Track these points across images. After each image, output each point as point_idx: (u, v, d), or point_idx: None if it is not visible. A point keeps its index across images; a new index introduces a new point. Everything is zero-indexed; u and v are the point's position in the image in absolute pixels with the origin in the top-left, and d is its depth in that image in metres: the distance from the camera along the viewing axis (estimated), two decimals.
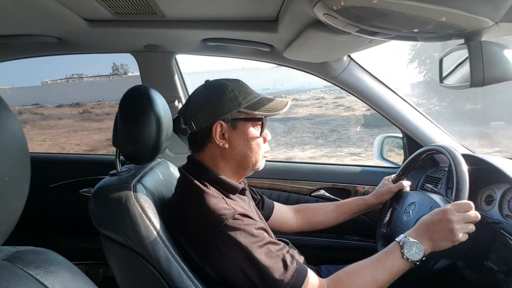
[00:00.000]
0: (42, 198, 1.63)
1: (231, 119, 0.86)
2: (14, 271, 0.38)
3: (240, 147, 0.88)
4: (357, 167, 1.56)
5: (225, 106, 0.85)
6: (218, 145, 0.86)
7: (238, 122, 0.87)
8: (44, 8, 0.92)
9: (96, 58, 22.66)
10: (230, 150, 0.87)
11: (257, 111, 0.87)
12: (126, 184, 0.84)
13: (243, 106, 0.86)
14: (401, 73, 15.89)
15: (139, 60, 1.47)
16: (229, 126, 0.86)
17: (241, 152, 0.88)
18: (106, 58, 16.38)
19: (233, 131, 0.87)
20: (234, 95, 0.86)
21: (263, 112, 0.88)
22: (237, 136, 0.87)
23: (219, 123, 0.85)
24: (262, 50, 1.27)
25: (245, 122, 0.87)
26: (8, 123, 0.37)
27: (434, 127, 1.38)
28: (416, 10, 0.61)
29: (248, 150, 0.88)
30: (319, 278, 0.79)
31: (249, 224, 0.77)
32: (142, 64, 1.47)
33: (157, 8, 0.98)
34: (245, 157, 0.89)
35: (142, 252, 0.78)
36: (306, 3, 0.76)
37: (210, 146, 0.88)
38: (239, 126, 0.87)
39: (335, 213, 1.19)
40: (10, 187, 0.37)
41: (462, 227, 0.79)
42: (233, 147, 0.87)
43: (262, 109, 0.88)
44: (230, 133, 0.87)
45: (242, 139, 0.88)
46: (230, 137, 0.87)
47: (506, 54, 0.65)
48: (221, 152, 0.88)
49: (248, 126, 0.88)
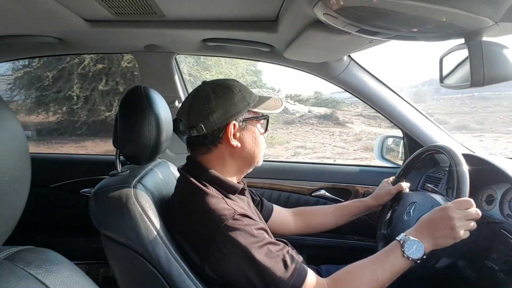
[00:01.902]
0: (42, 198, 1.63)
1: (243, 119, 0.88)
2: (14, 270, 0.38)
3: (250, 146, 0.90)
4: (357, 167, 1.56)
5: (237, 106, 0.86)
6: (230, 145, 0.86)
7: (248, 121, 0.89)
8: (44, 8, 0.92)
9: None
10: (240, 149, 0.88)
11: (262, 110, 0.90)
12: (126, 184, 0.84)
13: (251, 105, 0.88)
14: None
15: (139, 60, 1.47)
16: (241, 126, 0.88)
17: (250, 150, 0.90)
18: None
19: (243, 130, 0.88)
20: (242, 95, 0.87)
21: (266, 110, 0.91)
22: (247, 135, 0.89)
23: (233, 123, 0.86)
24: (262, 50, 1.27)
25: (253, 121, 0.90)
26: (8, 123, 0.37)
27: (434, 127, 1.38)
28: (416, 9, 0.61)
29: (256, 148, 0.91)
30: (319, 278, 0.79)
31: (249, 224, 0.77)
32: (142, 64, 1.48)
33: (157, 8, 0.98)
34: (253, 155, 0.91)
35: (143, 252, 0.78)
36: (306, 3, 0.76)
37: (221, 147, 0.87)
38: (248, 125, 0.89)
39: (334, 215, 1.19)
40: (11, 187, 0.37)
41: (463, 224, 0.79)
42: (244, 146, 0.89)
43: (265, 107, 0.91)
44: (241, 133, 0.88)
45: (251, 138, 0.90)
46: (242, 136, 0.88)
47: (507, 54, 0.65)
48: (231, 151, 0.89)
49: (255, 124, 0.91)
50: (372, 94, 1.37)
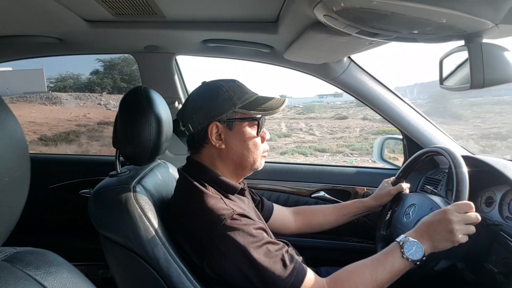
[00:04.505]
0: (42, 199, 1.63)
1: (226, 120, 0.86)
2: (13, 272, 0.37)
3: (237, 148, 0.87)
4: (356, 168, 1.56)
5: (220, 106, 0.85)
6: (214, 146, 0.86)
7: (234, 123, 0.86)
8: (44, 8, 0.92)
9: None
10: (227, 150, 0.87)
11: (252, 111, 0.86)
12: (126, 185, 0.83)
13: (238, 106, 0.85)
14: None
15: (139, 61, 1.47)
16: (225, 126, 0.86)
17: (238, 152, 0.88)
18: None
19: (229, 131, 0.87)
20: (229, 95, 0.85)
21: (258, 111, 0.87)
22: (233, 136, 0.87)
23: (215, 124, 0.85)
24: (262, 51, 1.27)
25: (241, 122, 0.87)
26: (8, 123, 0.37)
27: (434, 128, 1.38)
28: (416, 11, 0.61)
29: (245, 150, 0.88)
30: (318, 278, 0.79)
31: (248, 224, 0.77)
32: (142, 65, 1.48)
33: (157, 9, 0.98)
34: (243, 157, 0.88)
35: (142, 253, 0.78)
36: (306, 4, 0.76)
37: (207, 147, 0.88)
38: (235, 126, 0.87)
39: (334, 215, 1.19)
40: (10, 188, 0.37)
41: (462, 228, 0.79)
42: (229, 147, 0.87)
43: (258, 108, 0.87)
44: (227, 134, 0.86)
45: (239, 139, 0.87)
46: (227, 138, 0.87)
47: (507, 56, 0.65)
48: (219, 153, 0.88)
49: (244, 126, 0.88)
50: (372, 95, 1.37)
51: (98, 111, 9.01)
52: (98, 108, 8.72)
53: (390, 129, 9.01)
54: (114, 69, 8.53)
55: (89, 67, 8.69)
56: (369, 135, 9.98)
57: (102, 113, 9.02)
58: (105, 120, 8.79)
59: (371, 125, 10.86)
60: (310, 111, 12.48)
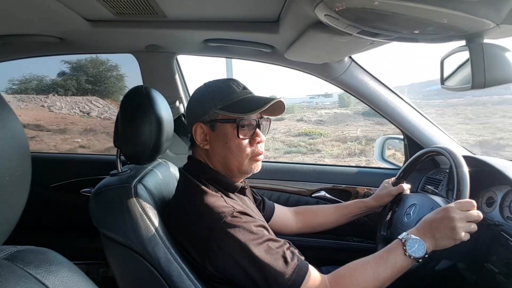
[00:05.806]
0: (42, 198, 1.63)
1: (209, 121, 0.86)
2: (14, 270, 0.37)
3: (220, 149, 0.86)
4: (357, 168, 1.57)
5: (203, 107, 0.86)
6: (199, 146, 0.88)
7: (216, 124, 0.85)
8: (45, 8, 0.92)
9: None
10: (211, 151, 0.88)
11: (232, 112, 0.83)
12: (126, 184, 0.84)
13: (219, 107, 0.84)
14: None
15: (140, 60, 1.47)
16: (208, 127, 0.86)
17: (222, 154, 0.87)
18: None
19: (213, 132, 0.86)
20: (212, 96, 0.85)
21: (237, 112, 0.83)
22: (216, 137, 0.86)
23: (199, 124, 0.86)
24: (263, 51, 1.27)
25: (223, 124, 0.85)
26: (9, 123, 0.37)
27: (435, 128, 1.38)
28: (418, 12, 0.61)
29: (228, 152, 0.86)
30: (320, 274, 0.78)
31: (248, 221, 0.77)
32: (143, 65, 1.48)
33: (158, 9, 0.98)
34: (226, 160, 0.87)
35: (142, 252, 0.78)
36: (307, 4, 0.76)
37: (196, 147, 0.90)
38: (217, 128, 0.86)
39: (335, 215, 1.19)
40: (11, 187, 0.37)
41: (464, 225, 0.79)
42: (213, 148, 0.87)
43: (237, 110, 0.83)
44: (211, 135, 0.87)
45: (221, 141, 0.86)
46: (211, 139, 0.87)
47: (508, 56, 0.65)
48: (206, 153, 0.89)
49: (226, 127, 0.85)
50: (373, 95, 1.37)
51: (38, 113, 8.54)
52: (39, 110, 8.41)
53: (310, 130, 9.13)
54: (80, 71, 8.42)
55: (55, 68, 8.51)
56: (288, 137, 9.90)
57: (41, 115, 8.50)
58: (37, 123, 8.17)
59: (300, 126, 10.87)
60: (289, 112, 12.40)
